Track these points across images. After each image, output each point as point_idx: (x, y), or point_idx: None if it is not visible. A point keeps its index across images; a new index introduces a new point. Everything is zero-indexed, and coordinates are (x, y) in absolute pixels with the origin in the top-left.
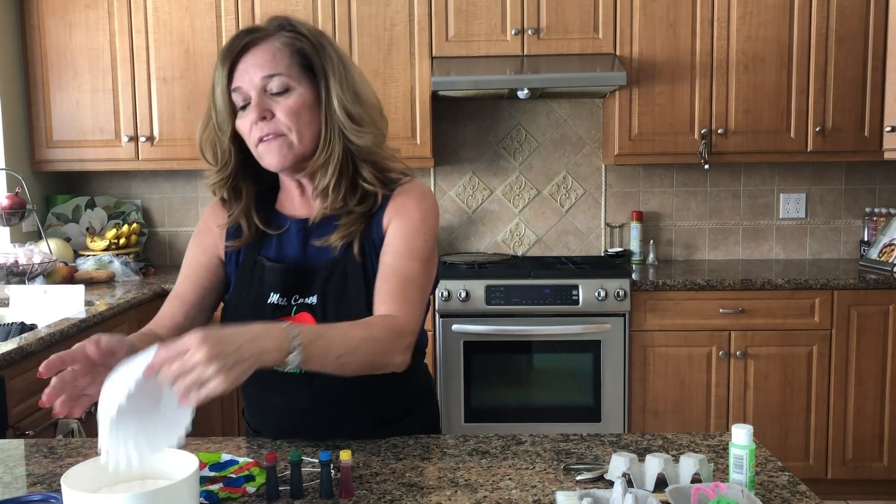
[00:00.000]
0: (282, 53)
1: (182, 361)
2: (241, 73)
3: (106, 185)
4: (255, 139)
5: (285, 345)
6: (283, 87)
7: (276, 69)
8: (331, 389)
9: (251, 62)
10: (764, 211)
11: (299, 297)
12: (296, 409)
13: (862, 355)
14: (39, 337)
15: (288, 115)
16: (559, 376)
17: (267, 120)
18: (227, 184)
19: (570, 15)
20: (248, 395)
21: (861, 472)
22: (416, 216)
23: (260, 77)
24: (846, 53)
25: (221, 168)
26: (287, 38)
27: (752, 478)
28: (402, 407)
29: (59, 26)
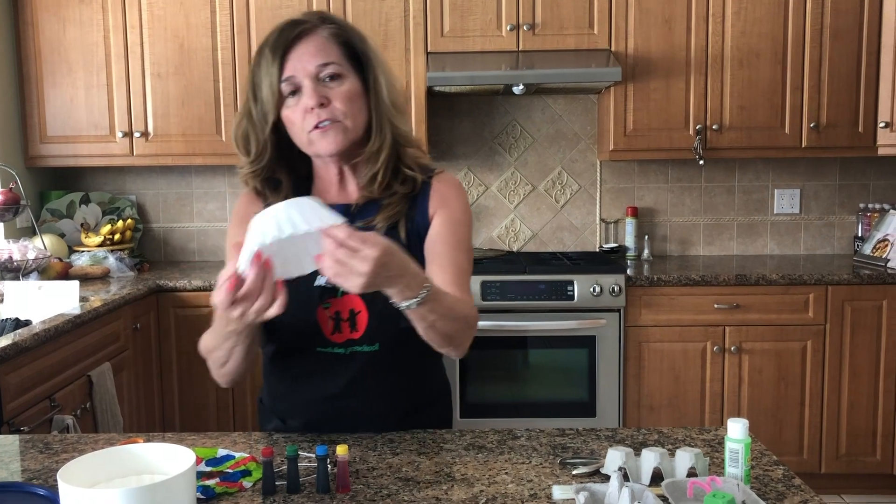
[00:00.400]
0: (331, 44)
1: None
2: (293, 63)
3: (100, 181)
4: (309, 126)
5: (419, 286)
6: (336, 73)
7: (329, 57)
8: (364, 377)
9: (304, 51)
10: (758, 206)
11: None
12: (328, 395)
13: (856, 350)
14: (34, 333)
15: (343, 102)
16: (554, 372)
17: (324, 106)
18: (262, 174)
19: (565, 10)
20: (277, 384)
21: (855, 467)
22: (458, 208)
23: (315, 65)
24: (840, 49)
25: (256, 159)
26: (332, 30)
27: (747, 472)
28: (426, 399)
29: (53, 22)
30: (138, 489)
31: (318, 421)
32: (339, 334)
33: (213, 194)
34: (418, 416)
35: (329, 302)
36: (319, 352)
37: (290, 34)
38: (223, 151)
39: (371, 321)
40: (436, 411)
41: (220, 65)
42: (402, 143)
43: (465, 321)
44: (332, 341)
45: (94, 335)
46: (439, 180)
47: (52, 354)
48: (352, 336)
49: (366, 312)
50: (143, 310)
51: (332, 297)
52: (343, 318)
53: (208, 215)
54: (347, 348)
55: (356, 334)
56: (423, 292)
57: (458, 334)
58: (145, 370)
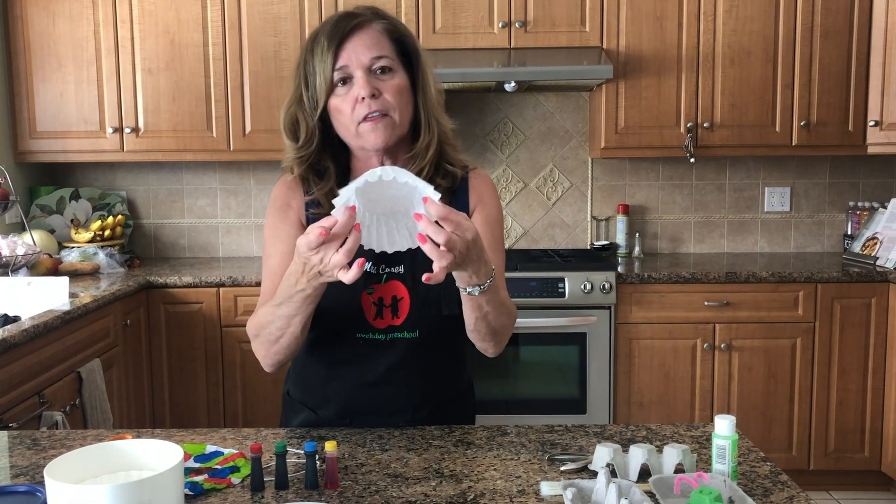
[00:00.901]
0: (384, 38)
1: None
2: (348, 52)
3: (90, 177)
4: (359, 116)
5: (487, 274)
6: (388, 66)
7: (382, 51)
8: (403, 364)
9: (359, 42)
10: (749, 204)
11: (386, 267)
12: (366, 382)
13: (845, 348)
14: (23, 329)
15: (394, 95)
16: (545, 368)
17: (376, 97)
18: (309, 160)
19: (557, 8)
20: (313, 373)
21: (843, 464)
22: (495, 206)
23: (369, 57)
24: (831, 48)
25: (304, 145)
26: (386, 25)
27: (734, 468)
28: (456, 392)
29: (43, 16)
30: (126, 485)
31: (353, 409)
32: (381, 320)
33: (204, 190)
34: (448, 409)
35: (373, 287)
36: (360, 338)
37: (347, 25)
38: (214, 147)
39: (413, 307)
40: (464, 405)
41: (211, 60)
42: (445, 139)
43: (510, 316)
44: (373, 327)
45: (83, 331)
46: (476, 176)
47: (42, 350)
48: (393, 322)
49: (408, 299)
50: (133, 306)
51: (376, 283)
52: (385, 304)
53: (199, 211)
54: (388, 335)
55: (397, 320)
56: (489, 280)
57: (504, 330)
58: (135, 367)
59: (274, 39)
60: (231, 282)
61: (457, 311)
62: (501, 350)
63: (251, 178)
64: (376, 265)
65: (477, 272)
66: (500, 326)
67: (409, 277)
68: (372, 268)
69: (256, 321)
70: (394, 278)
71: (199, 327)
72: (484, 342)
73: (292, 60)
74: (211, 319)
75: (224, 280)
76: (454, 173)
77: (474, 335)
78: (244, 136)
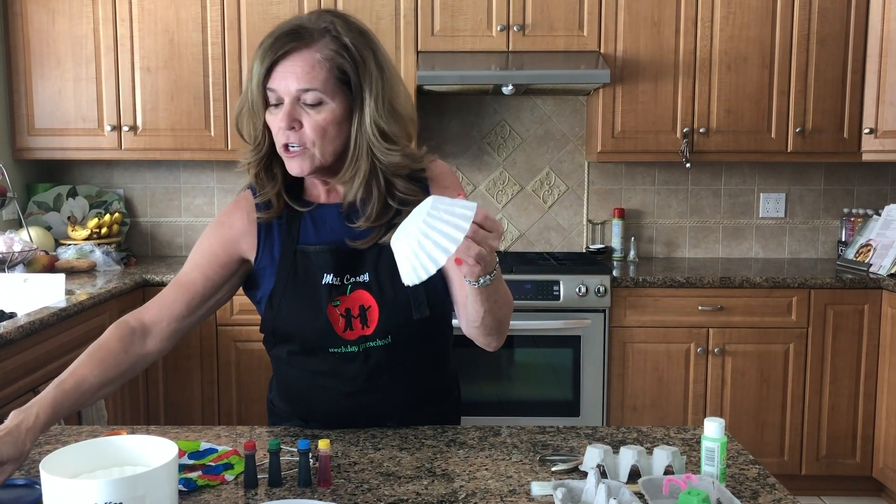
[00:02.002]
0: (321, 67)
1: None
2: (278, 77)
3: (88, 174)
4: (279, 141)
5: (494, 262)
6: (316, 101)
7: (311, 83)
8: (380, 372)
9: (290, 70)
10: (744, 210)
11: (350, 277)
12: (345, 393)
13: (837, 353)
14: (19, 325)
15: (314, 130)
16: (539, 371)
17: (295, 130)
18: (262, 164)
19: (555, 12)
20: (294, 386)
21: (834, 469)
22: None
23: (296, 88)
24: (827, 55)
25: (256, 148)
26: (329, 52)
27: (723, 470)
28: (439, 392)
29: (43, 14)
30: (120, 480)
31: (336, 418)
32: (351, 331)
33: (201, 189)
34: (433, 409)
35: (338, 299)
36: (333, 352)
37: (284, 45)
38: (211, 146)
39: (382, 315)
40: (449, 405)
41: (209, 60)
42: (390, 171)
43: (511, 305)
44: (344, 339)
45: (79, 328)
46: (434, 172)
47: (37, 347)
48: (364, 332)
49: (376, 307)
50: (129, 304)
51: (340, 295)
52: (354, 314)
53: (196, 210)
54: (360, 345)
55: (368, 330)
56: (497, 268)
57: (507, 320)
58: None
59: None
60: None
61: (427, 313)
62: (502, 343)
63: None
64: (339, 276)
65: (490, 261)
66: (504, 317)
67: (374, 285)
68: (335, 279)
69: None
70: (359, 287)
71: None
72: (489, 336)
73: None
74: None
75: None
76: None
77: (479, 330)
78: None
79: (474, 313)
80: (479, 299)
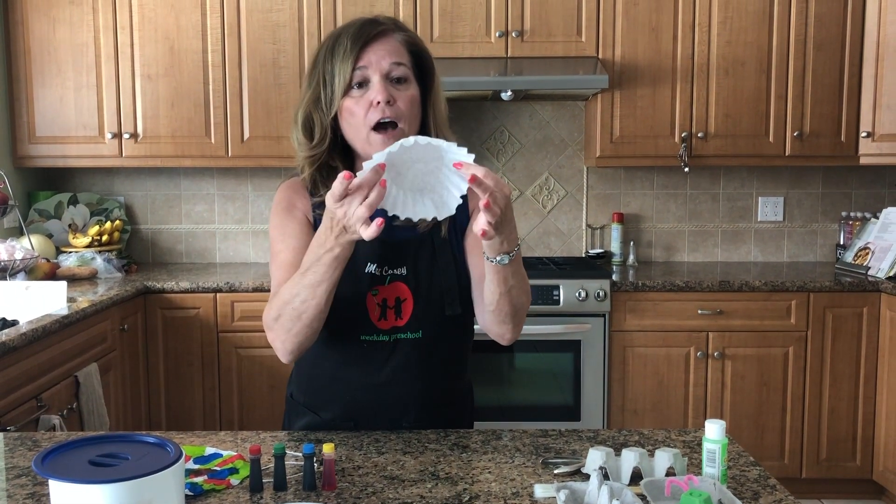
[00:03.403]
0: (403, 49)
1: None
2: (369, 56)
3: (89, 182)
4: (371, 121)
5: (515, 241)
6: (405, 76)
7: (402, 59)
8: (407, 365)
9: (381, 48)
10: (742, 214)
11: (389, 269)
12: (371, 383)
13: (836, 357)
14: (21, 333)
15: (407, 105)
16: (540, 375)
17: (390, 104)
18: (320, 160)
19: (553, 18)
20: (318, 375)
21: (835, 472)
22: None
23: (389, 62)
24: (824, 60)
25: (318, 143)
26: (405, 38)
27: (724, 471)
28: (458, 393)
29: (43, 22)
30: (127, 484)
31: (357, 410)
32: (385, 321)
33: (202, 196)
34: (449, 410)
35: (377, 289)
36: (364, 340)
37: (371, 31)
38: (212, 153)
39: (416, 308)
40: (464, 406)
41: (209, 67)
42: None
43: (528, 294)
44: (377, 328)
45: (81, 335)
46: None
47: (39, 354)
48: (396, 323)
49: (411, 300)
50: (130, 311)
51: (380, 285)
52: (389, 305)
53: (196, 217)
54: (392, 336)
55: (401, 321)
56: (517, 248)
57: (523, 309)
58: (132, 371)
59: (273, 47)
60: (228, 287)
61: (459, 311)
62: (517, 336)
63: (249, 184)
64: (380, 267)
65: (508, 237)
66: (520, 305)
67: (411, 279)
68: (376, 270)
69: (278, 300)
70: (397, 280)
71: (195, 332)
72: (503, 325)
73: (291, 68)
74: (207, 325)
75: (221, 286)
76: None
77: (494, 317)
78: (242, 143)
79: (490, 295)
80: (496, 279)
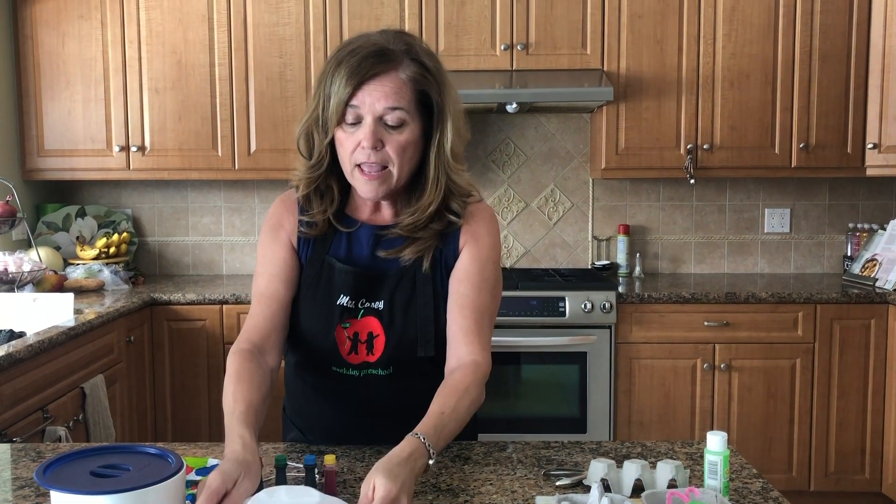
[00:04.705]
0: (406, 87)
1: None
2: (363, 96)
3: (97, 195)
4: (356, 160)
5: (425, 457)
6: (399, 121)
7: (399, 103)
8: (378, 401)
9: (378, 89)
10: (749, 225)
11: (366, 302)
12: (344, 413)
13: (844, 368)
14: (28, 345)
15: (396, 151)
16: (546, 387)
17: (377, 150)
18: (317, 182)
19: (558, 31)
20: (298, 395)
21: (843, 485)
22: (488, 244)
23: (383, 107)
24: (829, 71)
25: (316, 164)
26: (412, 73)
27: (726, 483)
28: None
29: (53, 36)
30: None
31: (335, 436)
32: (356, 355)
33: (209, 209)
34: None
35: (349, 322)
36: (334, 371)
37: (370, 70)
38: (219, 166)
39: (388, 346)
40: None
41: (217, 81)
42: (455, 191)
43: (475, 405)
44: (347, 362)
45: (87, 347)
46: (473, 212)
47: (46, 366)
48: (367, 359)
49: (383, 337)
50: (136, 322)
51: (352, 318)
52: (361, 339)
53: (203, 229)
54: (361, 371)
55: (372, 357)
56: (431, 451)
57: (475, 410)
58: (138, 383)
59: (279, 60)
60: (234, 299)
61: (432, 353)
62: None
63: (255, 196)
64: (354, 299)
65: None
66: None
67: (386, 314)
68: (349, 302)
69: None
70: (371, 314)
71: (202, 344)
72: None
73: (297, 81)
74: (214, 336)
75: (227, 297)
76: (452, 221)
77: None
78: (249, 156)
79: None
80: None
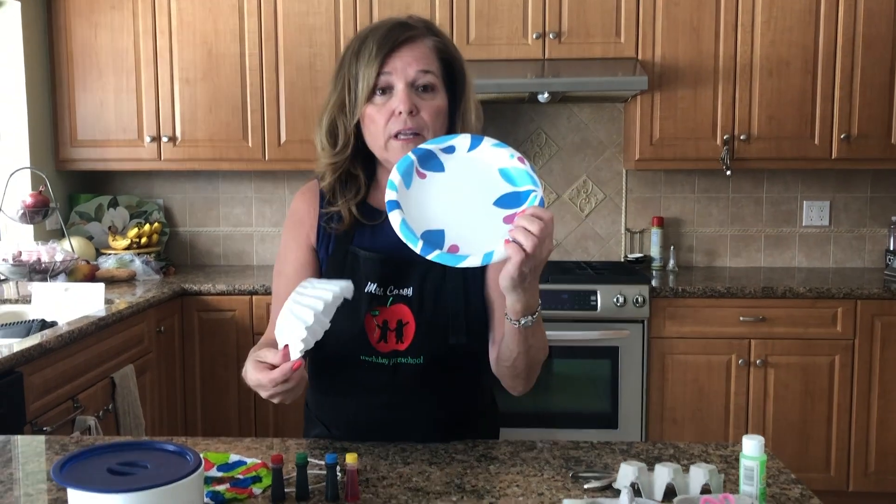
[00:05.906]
0: (433, 55)
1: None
2: (394, 62)
3: (129, 185)
4: (391, 131)
5: (537, 302)
6: (431, 85)
7: (429, 66)
8: (407, 391)
9: (408, 54)
10: (787, 218)
11: (394, 289)
12: (371, 406)
13: (886, 366)
14: (59, 335)
15: (431, 115)
16: (577, 382)
17: (413, 115)
18: (341, 168)
19: (591, 18)
20: (321, 392)
21: (884, 485)
22: None
23: (415, 70)
24: (873, 59)
25: (341, 150)
26: (437, 43)
27: (763, 490)
28: (470, 414)
29: (85, 27)
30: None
31: (361, 431)
32: (385, 344)
33: (240, 199)
34: (464, 429)
35: (378, 310)
36: (363, 360)
37: (399, 36)
38: (249, 157)
39: (418, 333)
40: (484, 423)
41: (247, 71)
42: None
43: (546, 350)
44: (376, 350)
45: (118, 337)
46: None
47: (77, 356)
48: (397, 347)
49: (413, 324)
50: (167, 313)
51: (380, 306)
52: (390, 327)
53: (234, 220)
54: (391, 360)
55: (402, 345)
56: (539, 309)
57: (538, 365)
58: (168, 373)
59: (309, 50)
60: (264, 290)
61: (464, 340)
62: (529, 388)
63: (286, 187)
64: (383, 286)
65: (532, 297)
66: (536, 363)
67: (416, 301)
68: (377, 290)
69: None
70: (400, 301)
71: (231, 335)
72: (517, 379)
73: (327, 71)
74: (244, 327)
75: (257, 288)
76: None
77: (509, 371)
78: (279, 146)
79: (507, 352)
80: (515, 339)
